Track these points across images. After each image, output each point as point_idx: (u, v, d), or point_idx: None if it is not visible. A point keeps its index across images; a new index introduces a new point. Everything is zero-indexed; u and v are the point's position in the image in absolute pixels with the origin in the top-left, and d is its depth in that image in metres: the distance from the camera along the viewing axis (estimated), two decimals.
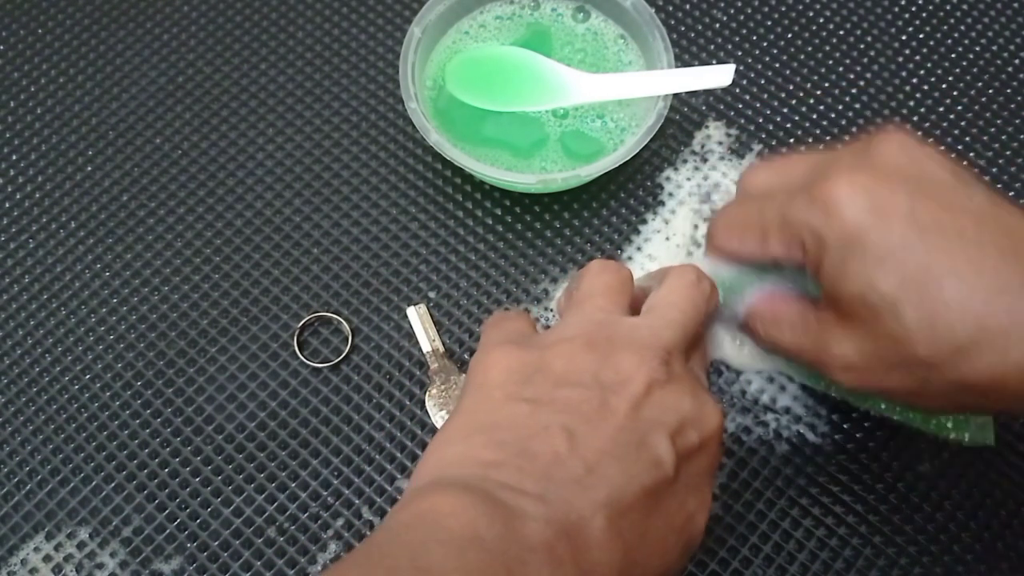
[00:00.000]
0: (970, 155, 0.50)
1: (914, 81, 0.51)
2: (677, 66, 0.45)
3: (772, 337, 0.37)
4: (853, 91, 0.51)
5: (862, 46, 0.52)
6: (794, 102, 0.51)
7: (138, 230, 0.48)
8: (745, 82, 0.51)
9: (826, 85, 0.51)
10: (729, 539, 0.42)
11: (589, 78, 0.45)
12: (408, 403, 0.45)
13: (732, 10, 0.53)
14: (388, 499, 0.43)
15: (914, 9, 0.53)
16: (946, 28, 0.53)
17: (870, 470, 0.43)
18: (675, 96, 0.49)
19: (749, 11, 0.53)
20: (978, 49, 0.52)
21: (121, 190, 0.49)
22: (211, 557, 0.42)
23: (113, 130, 0.51)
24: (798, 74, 0.52)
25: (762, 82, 0.51)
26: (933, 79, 0.51)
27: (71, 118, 0.51)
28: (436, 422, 0.44)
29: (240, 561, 0.42)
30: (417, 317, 0.46)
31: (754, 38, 0.53)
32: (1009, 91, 0.51)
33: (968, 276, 0.29)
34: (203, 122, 0.51)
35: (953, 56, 0.52)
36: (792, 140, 0.50)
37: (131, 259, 0.48)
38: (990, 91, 0.51)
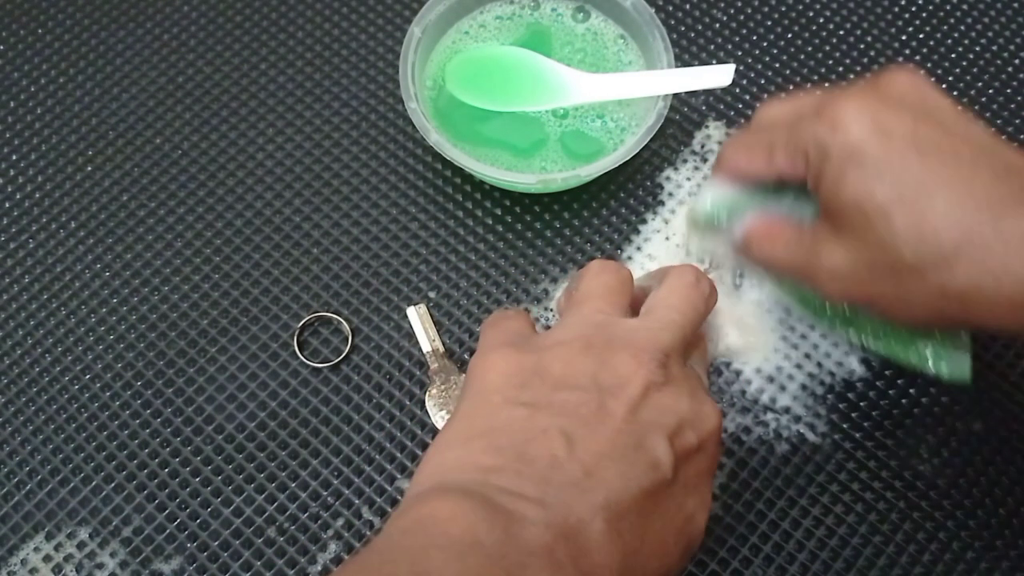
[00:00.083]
0: None
1: None
2: (677, 66, 0.45)
3: (765, 253, 0.38)
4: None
5: (862, 46, 0.52)
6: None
7: (138, 230, 0.48)
8: (745, 82, 0.51)
9: (826, 85, 0.51)
10: (729, 539, 0.42)
11: (589, 78, 0.45)
12: (408, 403, 0.45)
13: (732, 10, 0.53)
14: (388, 499, 0.43)
15: (914, 9, 0.53)
16: (946, 28, 0.53)
17: (869, 469, 0.43)
18: (675, 96, 0.49)
19: (749, 11, 0.53)
20: (978, 49, 0.52)
21: (121, 190, 0.49)
22: (211, 557, 0.42)
23: (113, 130, 0.51)
24: (798, 74, 0.52)
25: (762, 82, 0.51)
26: (933, 79, 0.51)
27: (71, 118, 0.51)
28: (436, 422, 0.44)
29: (240, 561, 0.42)
30: (417, 317, 0.46)
31: (754, 38, 0.53)
32: (1009, 91, 0.51)
33: (959, 189, 0.31)
34: (203, 122, 0.51)
35: (953, 56, 0.52)
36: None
37: (131, 259, 0.48)
38: (990, 91, 0.51)
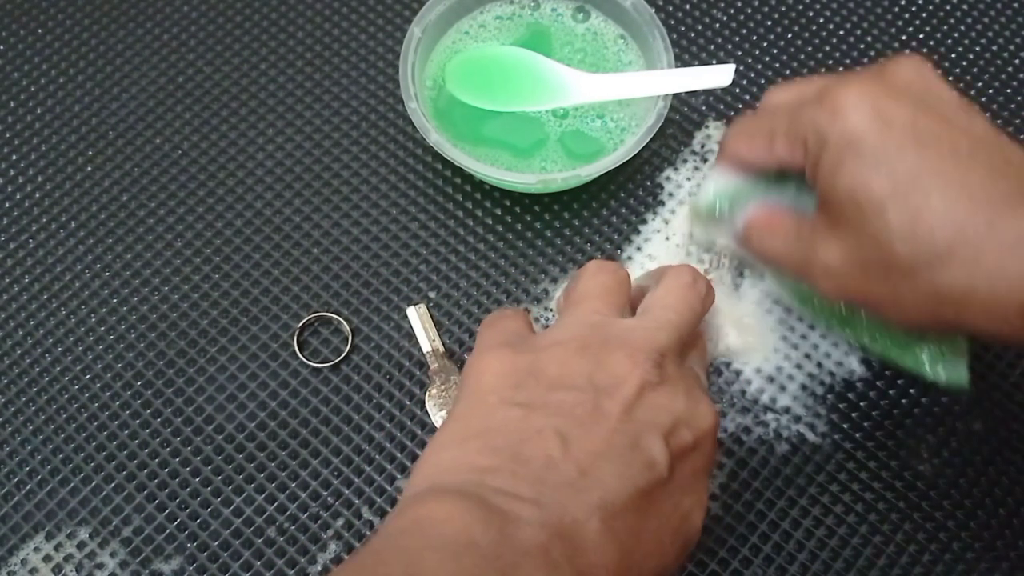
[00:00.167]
0: None
1: None
2: (677, 66, 0.45)
3: (764, 245, 0.38)
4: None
5: (862, 46, 0.52)
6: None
7: (138, 230, 0.48)
8: (745, 82, 0.51)
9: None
10: (729, 539, 0.42)
11: (589, 78, 0.45)
12: (408, 403, 0.45)
13: (732, 10, 0.53)
14: (388, 499, 0.43)
15: (914, 9, 0.53)
16: (946, 28, 0.53)
17: (869, 470, 0.43)
18: (675, 96, 0.49)
19: (749, 11, 0.53)
20: (978, 49, 0.52)
21: (121, 190, 0.49)
22: (211, 557, 0.42)
23: (113, 130, 0.51)
24: (798, 74, 0.52)
25: (762, 82, 0.51)
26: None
27: (71, 118, 0.51)
28: (436, 422, 0.44)
29: (240, 561, 0.42)
30: (417, 317, 0.46)
31: (754, 38, 0.53)
32: (1009, 91, 0.51)
33: (955, 186, 0.31)
34: (203, 122, 0.51)
35: (953, 56, 0.52)
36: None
37: (131, 259, 0.48)
38: (990, 91, 0.51)
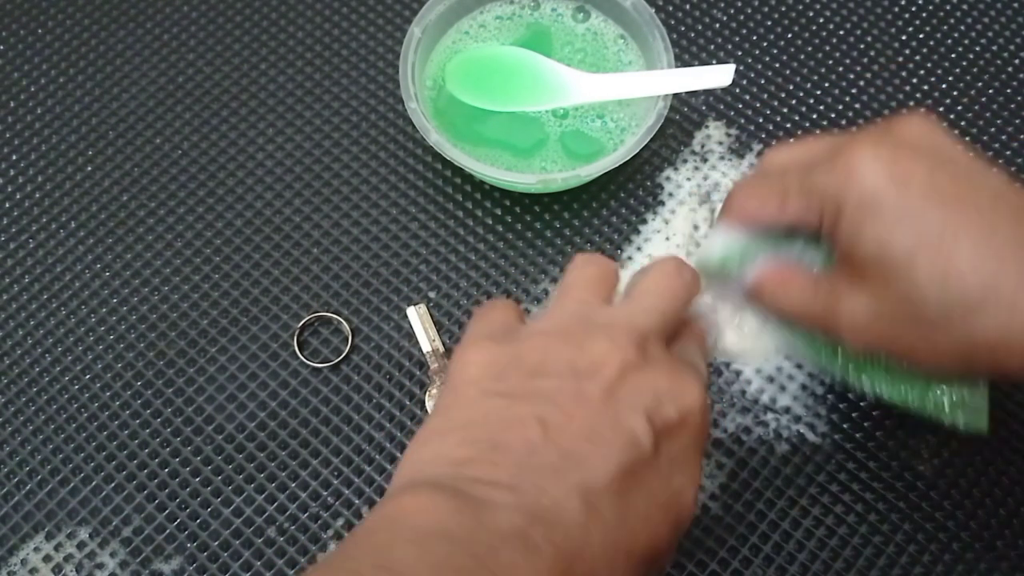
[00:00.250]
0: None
1: (914, 81, 0.51)
2: (677, 66, 0.45)
3: (779, 301, 0.37)
4: (853, 91, 0.51)
5: (862, 46, 0.52)
6: (794, 102, 0.51)
7: (138, 230, 0.48)
8: (745, 82, 0.51)
9: (826, 85, 0.51)
10: (729, 539, 0.42)
11: (589, 78, 0.45)
12: (408, 403, 0.45)
13: (732, 10, 0.53)
14: None
15: (914, 9, 0.53)
16: (946, 28, 0.53)
17: (869, 470, 0.43)
18: (675, 96, 0.49)
19: (749, 11, 0.53)
20: (978, 49, 0.52)
21: (121, 190, 0.49)
22: (211, 557, 0.42)
23: (113, 130, 0.51)
24: (798, 74, 0.52)
25: (762, 82, 0.51)
26: (933, 79, 0.51)
27: (71, 118, 0.51)
28: None
29: (240, 561, 0.42)
30: (417, 317, 0.46)
31: (754, 38, 0.53)
32: (1009, 91, 0.51)
33: (982, 236, 0.30)
34: (203, 122, 0.51)
35: (953, 56, 0.52)
36: (792, 141, 0.50)
37: (131, 259, 0.48)
38: (990, 91, 0.51)
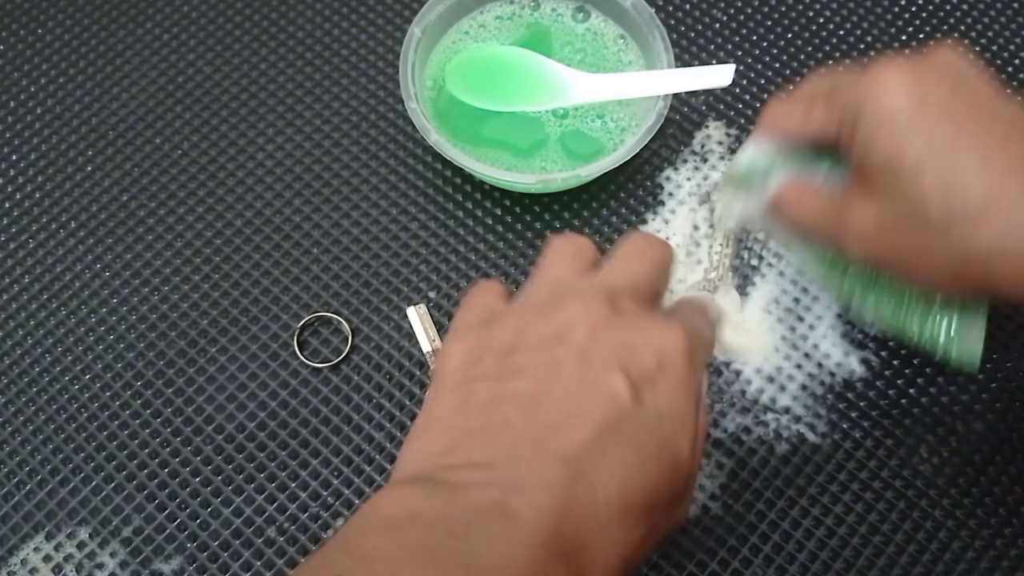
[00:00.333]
0: None
1: None
2: (677, 66, 0.45)
3: (793, 213, 0.39)
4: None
5: (862, 46, 0.52)
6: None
7: (138, 230, 0.48)
8: (745, 82, 0.51)
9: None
10: (729, 539, 0.42)
11: (589, 78, 0.45)
12: (408, 403, 0.45)
13: (732, 10, 0.53)
14: None
15: (914, 9, 0.53)
16: (946, 28, 0.53)
17: (869, 469, 0.43)
18: (675, 96, 0.49)
19: (749, 11, 0.53)
20: (978, 49, 0.52)
21: (121, 190, 0.49)
22: (211, 557, 0.42)
23: (113, 130, 0.51)
24: (798, 74, 0.52)
25: (762, 82, 0.51)
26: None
27: (71, 118, 0.51)
28: None
29: (240, 561, 0.42)
30: (417, 317, 0.46)
31: (754, 38, 0.53)
32: (1009, 91, 0.51)
33: (990, 154, 0.32)
34: (203, 122, 0.51)
35: None
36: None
37: (131, 259, 0.48)
38: None
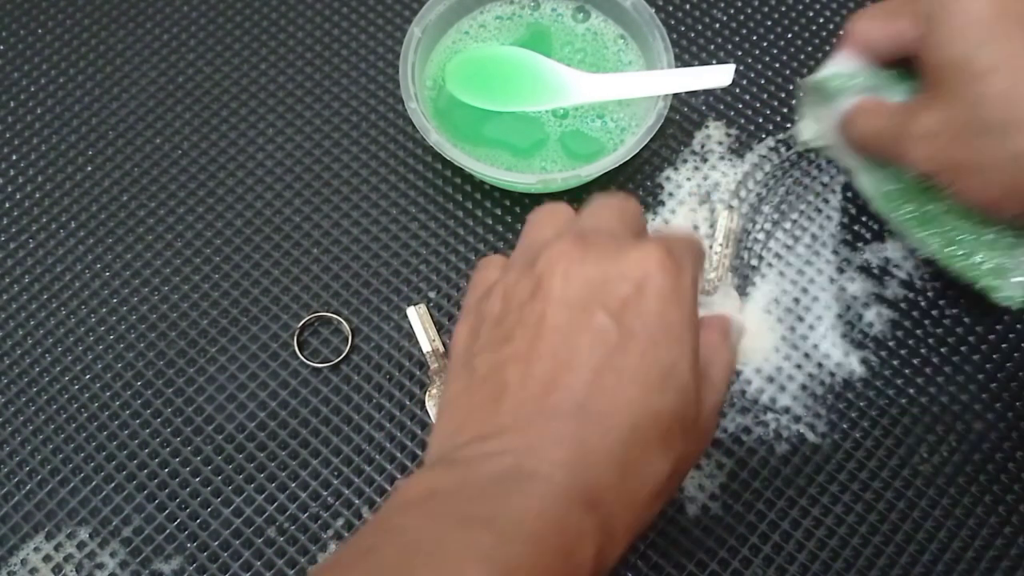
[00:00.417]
0: None
1: None
2: (677, 66, 0.45)
3: (864, 125, 0.41)
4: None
5: None
6: (794, 102, 0.51)
7: (138, 230, 0.48)
8: (745, 82, 0.51)
9: None
10: (729, 539, 0.42)
11: (589, 78, 0.45)
12: (408, 403, 0.45)
13: (732, 10, 0.53)
14: None
15: None
16: None
17: (869, 469, 0.43)
18: (675, 96, 0.49)
19: (749, 11, 0.53)
20: None
21: (121, 190, 0.49)
22: (211, 557, 0.42)
23: (113, 130, 0.51)
24: (798, 74, 0.52)
25: (762, 82, 0.51)
26: None
27: (71, 118, 0.51)
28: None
29: (240, 561, 0.42)
30: (417, 317, 0.46)
31: (754, 38, 0.53)
32: None
33: None
34: (203, 122, 0.51)
35: None
36: (793, 140, 0.50)
37: (131, 259, 0.48)
38: None
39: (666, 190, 0.49)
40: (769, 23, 0.53)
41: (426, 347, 0.45)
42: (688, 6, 0.54)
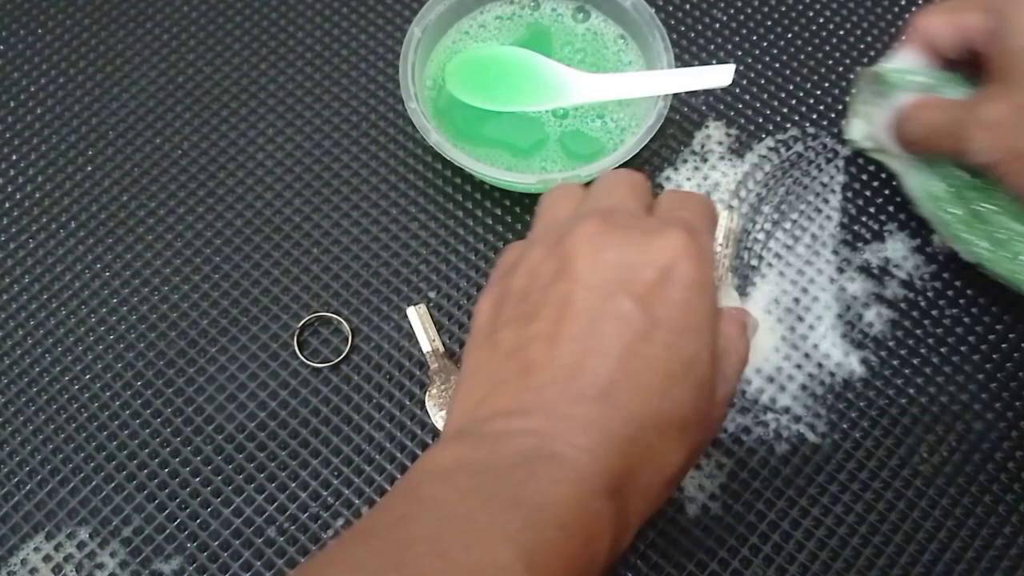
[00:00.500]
0: None
1: None
2: (677, 66, 0.45)
3: (915, 121, 0.41)
4: (853, 91, 0.51)
5: (862, 46, 0.52)
6: (794, 102, 0.51)
7: (138, 230, 0.48)
8: (745, 82, 0.51)
9: (826, 85, 0.51)
10: (729, 539, 0.42)
11: (589, 78, 0.45)
12: (408, 403, 0.45)
13: (732, 10, 0.53)
14: None
15: (914, 9, 0.53)
16: None
17: (869, 469, 0.43)
18: (675, 96, 0.49)
19: (749, 11, 0.53)
20: None
21: (121, 190, 0.49)
22: (211, 557, 0.42)
23: (113, 130, 0.51)
24: (798, 74, 0.52)
25: (762, 82, 0.51)
26: None
27: (71, 118, 0.51)
28: (436, 422, 0.44)
29: (240, 561, 0.42)
30: (417, 317, 0.46)
31: (754, 38, 0.53)
32: None
33: None
34: (203, 122, 0.51)
35: None
36: (793, 140, 0.50)
37: (131, 259, 0.48)
38: None
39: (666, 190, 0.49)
40: (769, 23, 0.53)
41: (426, 347, 0.45)
42: (688, 6, 0.54)
